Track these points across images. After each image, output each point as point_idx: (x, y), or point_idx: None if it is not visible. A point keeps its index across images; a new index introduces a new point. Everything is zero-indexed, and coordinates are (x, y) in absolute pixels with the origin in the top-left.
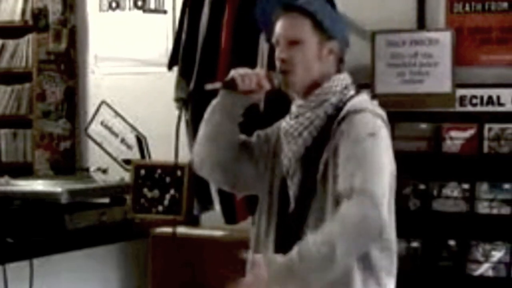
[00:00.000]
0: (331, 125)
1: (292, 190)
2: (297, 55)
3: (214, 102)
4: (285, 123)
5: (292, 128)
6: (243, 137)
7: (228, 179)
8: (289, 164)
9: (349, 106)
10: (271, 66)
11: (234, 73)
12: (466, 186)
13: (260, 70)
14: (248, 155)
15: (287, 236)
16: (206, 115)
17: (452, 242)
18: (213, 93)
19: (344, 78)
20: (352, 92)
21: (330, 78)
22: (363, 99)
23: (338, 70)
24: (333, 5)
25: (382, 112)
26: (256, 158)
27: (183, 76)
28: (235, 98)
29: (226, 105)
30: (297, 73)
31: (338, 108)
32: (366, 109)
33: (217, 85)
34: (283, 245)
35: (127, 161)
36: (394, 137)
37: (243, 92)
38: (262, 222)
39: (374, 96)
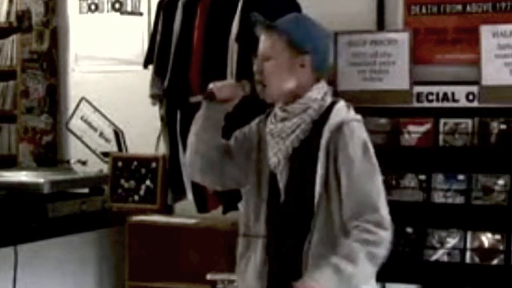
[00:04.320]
0: (319, 129)
1: (282, 184)
2: (269, 69)
3: (198, 114)
4: (271, 124)
5: (280, 130)
6: (224, 141)
7: (218, 180)
8: (277, 161)
9: (338, 116)
10: (241, 64)
11: (211, 86)
12: (422, 177)
13: (232, 81)
14: (230, 155)
15: (279, 221)
16: (193, 127)
17: (409, 230)
18: (187, 89)
19: (322, 87)
20: (329, 98)
21: (310, 87)
22: (342, 106)
23: (317, 79)
24: (298, 11)
25: (360, 117)
26: (237, 157)
27: (158, 74)
28: (216, 107)
29: (208, 114)
30: (271, 84)
31: (321, 114)
32: (354, 119)
33: (199, 97)
34: (274, 228)
35: (106, 154)
36: None
37: (221, 101)
38: (251, 210)
39: (338, 98)
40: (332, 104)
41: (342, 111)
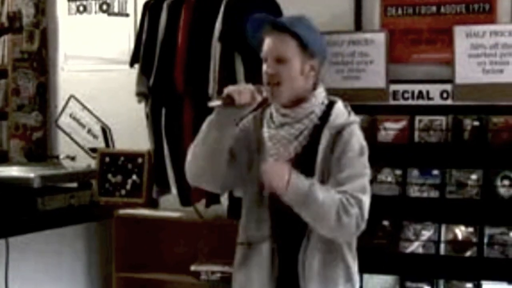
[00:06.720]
0: (319, 133)
1: None
2: (283, 71)
3: (209, 119)
4: (271, 130)
5: (282, 136)
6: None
7: (223, 185)
8: None
9: (339, 119)
10: (223, 63)
11: (229, 89)
12: (398, 172)
13: (250, 85)
14: (234, 159)
15: (283, 226)
16: (203, 134)
17: (386, 223)
18: (172, 87)
19: (322, 91)
20: (326, 101)
21: (313, 91)
22: (341, 108)
23: (316, 84)
24: (278, 11)
25: (358, 119)
26: (240, 161)
27: (144, 73)
28: (232, 112)
29: (223, 121)
30: (283, 87)
31: (321, 117)
32: (354, 122)
33: (218, 102)
34: (280, 234)
35: (93, 150)
36: None
37: (239, 106)
38: (252, 218)
39: (335, 98)
40: (330, 104)
41: (343, 113)
